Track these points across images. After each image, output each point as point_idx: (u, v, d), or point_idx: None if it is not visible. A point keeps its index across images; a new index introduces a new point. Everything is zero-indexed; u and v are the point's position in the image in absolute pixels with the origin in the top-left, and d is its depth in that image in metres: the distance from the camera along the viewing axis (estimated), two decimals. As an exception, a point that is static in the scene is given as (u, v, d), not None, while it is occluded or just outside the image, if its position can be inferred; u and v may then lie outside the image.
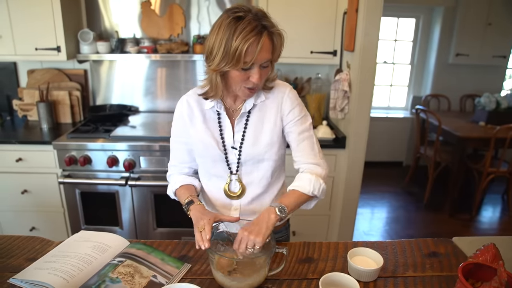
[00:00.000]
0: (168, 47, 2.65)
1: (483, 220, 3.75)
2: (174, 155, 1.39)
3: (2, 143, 2.40)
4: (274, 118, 1.28)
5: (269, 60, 1.13)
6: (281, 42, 1.13)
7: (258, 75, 1.11)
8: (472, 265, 1.05)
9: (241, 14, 1.06)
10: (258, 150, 1.28)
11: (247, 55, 1.06)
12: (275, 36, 1.11)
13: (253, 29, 1.04)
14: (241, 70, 1.10)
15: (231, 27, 1.05)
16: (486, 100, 3.76)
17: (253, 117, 1.28)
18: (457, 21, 4.36)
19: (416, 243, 1.35)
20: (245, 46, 1.04)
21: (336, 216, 2.63)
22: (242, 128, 1.28)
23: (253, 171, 1.31)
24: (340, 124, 2.64)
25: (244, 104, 1.26)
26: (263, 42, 1.06)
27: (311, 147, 1.31)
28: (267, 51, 1.10)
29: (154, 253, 1.21)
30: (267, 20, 1.09)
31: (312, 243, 1.34)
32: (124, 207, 2.48)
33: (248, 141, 1.27)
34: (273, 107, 1.28)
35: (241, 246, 1.09)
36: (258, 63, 1.10)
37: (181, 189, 1.34)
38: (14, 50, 2.49)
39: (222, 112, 1.27)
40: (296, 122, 1.28)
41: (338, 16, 2.49)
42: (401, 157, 5.11)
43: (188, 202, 1.25)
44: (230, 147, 1.29)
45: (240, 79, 1.13)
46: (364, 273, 1.12)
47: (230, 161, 1.30)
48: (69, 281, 1.05)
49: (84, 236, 1.30)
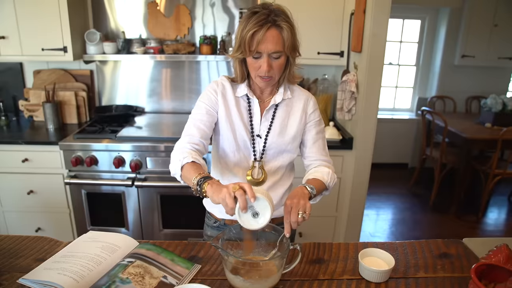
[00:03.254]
0: (175, 48, 2.65)
1: (490, 221, 3.73)
2: (193, 123, 1.31)
3: (9, 143, 2.40)
4: (300, 114, 1.38)
5: (279, 52, 1.19)
6: (289, 35, 1.18)
7: (266, 64, 1.19)
8: (485, 266, 1.03)
9: (258, 10, 1.18)
10: (283, 141, 1.36)
11: (252, 43, 1.17)
12: (283, 29, 1.17)
13: (260, 21, 1.15)
14: (253, 58, 1.21)
15: (246, 20, 1.18)
16: (492, 101, 3.74)
17: (280, 110, 1.37)
18: (463, 23, 4.34)
19: (427, 244, 1.34)
20: (249, 34, 1.15)
21: (343, 217, 2.62)
22: (270, 118, 1.36)
23: (273, 160, 1.39)
24: (347, 125, 2.62)
25: (273, 97, 1.35)
26: (265, 32, 1.15)
27: (323, 147, 1.44)
28: (273, 42, 1.17)
29: (164, 253, 1.20)
30: (280, 16, 1.17)
31: (322, 244, 1.33)
32: (130, 208, 2.48)
33: (274, 131, 1.35)
34: (299, 105, 1.38)
35: (292, 214, 1.10)
36: (266, 52, 1.18)
37: (193, 165, 1.17)
38: (21, 51, 2.50)
39: (254, 100, 1.35)
40: (316, 123, 1.41)
41: (345, 17, 2.48)
42: (406, 159, 5.09)
43: (205, 177, 1.10)
44: (256, 135, 1.36)
45: (252, 67, 1.24)
46: (376, 274, 1.11)
47: (256, 148, 1.36)
48: (79, 282, 1.04)
49: (93, 237, 1.29)
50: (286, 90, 1.37)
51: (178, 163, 1.19)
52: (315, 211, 2.56)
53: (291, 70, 1.31)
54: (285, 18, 1.19)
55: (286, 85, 1.37)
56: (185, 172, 1.17)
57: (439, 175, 3.93)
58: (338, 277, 1.15)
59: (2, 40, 2.46)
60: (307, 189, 1.21)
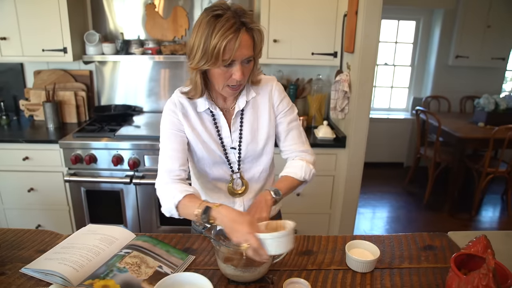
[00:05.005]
0: (172, 49, 2.70)
1: (483, 219, 3.78)
2: (167, 154, 1.23)
3: (9, 142, 2.45)
4: (268, 112, 1.31)
5: (250, 56, 1.12)
6: (261, 38, 1.13)
7: (240, 72, 1.11)
8: (465, 256, 1.09)
9: (220, 12, 1.06)
10: (258, 146, 1.31)
11: (225, 52, 1.06)
12: (255, 32, 1.11)
13: (231, 26, 1.04)
14: (223, 67, 1.10)
15: (210, 25, 1.05)
16: (485, 101, 3.81)
17: (247, 115, 1.29)
18: (457, 24, 4.40)
19: (413, 237, 1.39)
20: (223, 44, 1.04)
21: (337, 214, 2.68)
22: (238, 127, 1.29)
23: (252, 167, 1.35)
24: (341, 124, 2.68)
25: (236, 103, 1.27)
26: (241, 38, 1.05)
27: (299, 136, 1.36)
28: (247, 47, 1.09)
29: (160, 245, 1.26)
30: (246, 17, 1.08)
31: (311, 236, 1.38)
32: (128, 205, 2.53)
33: (246, 139, 1.30)
34: (264, 102, 1.31)
35: None
36: (239, 59, 1.09)
37: (187, 200, 1.12)
38: (22, 51, 2.55)
39: (218, 112, 1.27)
40: (286, 113, 1.33)
41: (339, 18, 2.54)
42: (401, 158, 5.14)
43: (206, 209, 1.06)
44: (229, 148, 1.30)
45: (222, 77, 1.13)
46: (361, 264, 1.16)
47: (231, 161, 1.31)
48: (79, 271, 1.09)
49: (92, 229, 1.35)
50: (249, 91, 1.28)
51: (171, 205, 1.14)
52: (309, 208, 2.64)
53: (255, 71, 1.22)
54: (251, 18, 1.10)
55: (247, 86, 1.27)
56: (182, 209, 1.13)
57: (433, 174, 3.99)
58: (326, 267, 1.20)
59: (3, 41, 2.52)
60: (271, 195, 1.21)
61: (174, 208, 1.14)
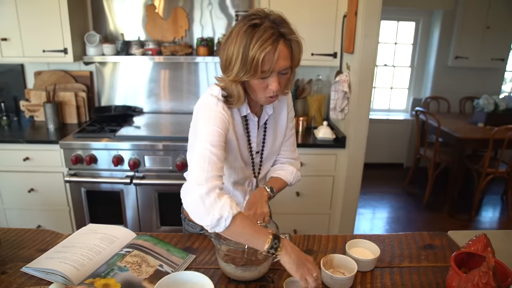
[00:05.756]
0: (172, 49, 2.71)
1: (483, 220, 3.79)
2: (210, 158, 1.05)
3: (10, 142, 2.45)
4: (285, 118, 1.36)
5: (288, 67, 1.09)
6: (300, 49, 1.10)
7: (277, 83, 1.08)
8: (465, 254, 1.09)
9: (258, 22, 1.03)
10: (275, 150, 1.38)
11: (264, 64, 1.03)
12: (293, 44, 1.07)
13: (269, 37, 1.01)
14: (260, 79, 1.07)
15: (247, 36, 1.02)
16: (485, 101, 3.82)
17: (270, 121, 1.32)
18: (456, 25, 4.41)
19: (412, 236, 1.40)
20: (261, 55, 1.00)
21: (337, 215, 2.68)
22: (262, 132, 1.32)
23: (264, 168, 1.40)
24: (340, 124, 2.69)
25: (264, 109, 1.28)
26: (279, 50, 1.02)
27: (293, 143, 1.43)
28: (285, 58, 1.06)
29: (160, 244, 1.26)
30: (285, 27, 1.05)
31: (312, 236, 1.38)
32: (129, 206, 2.54)
33: (268, 143, 1.34)
34: (283, 108, 1.35)
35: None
36: (276, 71, 1.06)
37: (244, 220, 1.01)
38: (23, 52, 2.56)
39: (253, 118, 1.25)
40: (292, 120, 1.40)
41: (338, 19, 2.54)
42: (401, 159, 5.15)
43: (275, 237, 1.00)
44: (255, 152, 1.32)
45: (260, 88, 1.10)
46: (362, 263, 1.16)
47: (255, 165, 1.35)
48: (79, 269, 1.10)
49: (92, 229, 1.35)
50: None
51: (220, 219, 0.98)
52: (309, 209, 2.64)
53: (292, 81, 1.20)
54: (290, 28, 1.07)
55: None
56: (238, 229, 1.00)
57: (433, 175, 4.00)
58: (326, 266, 1.20)
59: (4, 42, 2.52)
60: (267, 191, 1.27)
61: (227, 225, 0.99)
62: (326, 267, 1.12)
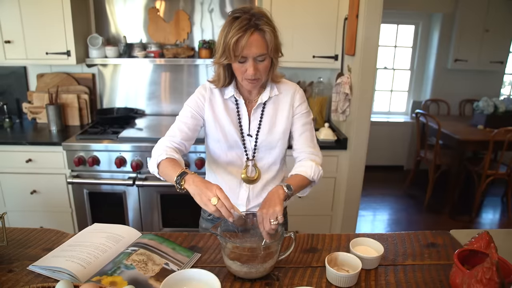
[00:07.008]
0: (174, 52, 2.73)
1: (483, 221, 3.80)
2: (177, 125, 1.39)
3: (13, 144, 2.47)
4: (288, 109, 1.43)
5: (263, 55, 1.23)
6: (272, 38, 1.22)
7: (253, 68, 1.24)
8: (468, 251, 1.10)
9: (238, 15, 1.20)
10: (273, 138, 1.43)
11: (236, 48, 1.20)
12: (266, 33, 1.21)
13: (243, 26, 1.18)
14: (239, 63, 1.25)
15: (228, 25, 1.20)
16: (484, 104, 3.84)
17: (268, 108, 1.42)
18: (455, 28, 4.45)
19: (415, 235, 1.41)
20: (232, 40, 1.18)
21: (338, 216, 2.69)
22: (258, 117, 1.42)
23: (265, 157, 1.45)
24: (342, 126, 2.70)
25: (260, 96, 1.41)
26: (249, 37, 1.18)
27: (311, 138, 1.48)
28: (257, 46, 1.21)
29: (166, 243, 1.27)
30: (261, 19, 1.20)
31: (316, 235, 1.39)
32: (131, 207, 2.54)
33: (264, 129, 1.42)
34: (286, 101, 1.43)
35: (265, 224, 1.16)
36: (251, 56, 1.22)
37: (169, 162, 1.25)
38: (26, 55, 2.57)
39: (241, 101, 1.41)
40: (302, 115, 1.45)
41: (339, 21, 2.57)
42: (402, 161, 5.17)
43: (182, 173, 1.18)
44: (246, 134, 1.42)
45: (239, 71, 1.28)
46: (366, 261, 1.17)
47: (247, 147, 1.43)
48: (86, 268, 1.10)
49: (98, 228, 1.36)
50: (272, 88, 1.41)
51: (154, 162, 1.29)
52: (311, 210, 2.65)
53: (275, 70, 1.36)
54: (266, 21, 1.22)
55: (271, 84, 1.41)
56: (163, 169, 1.26)
57: (433, 177, 4.01)
58: (331, 264, 1.21)
59: (8, 45, 2.54)
60: (284, 189, 1.26)
61: (156, 166, 1.28)
62: (331, 265, 1.13)
